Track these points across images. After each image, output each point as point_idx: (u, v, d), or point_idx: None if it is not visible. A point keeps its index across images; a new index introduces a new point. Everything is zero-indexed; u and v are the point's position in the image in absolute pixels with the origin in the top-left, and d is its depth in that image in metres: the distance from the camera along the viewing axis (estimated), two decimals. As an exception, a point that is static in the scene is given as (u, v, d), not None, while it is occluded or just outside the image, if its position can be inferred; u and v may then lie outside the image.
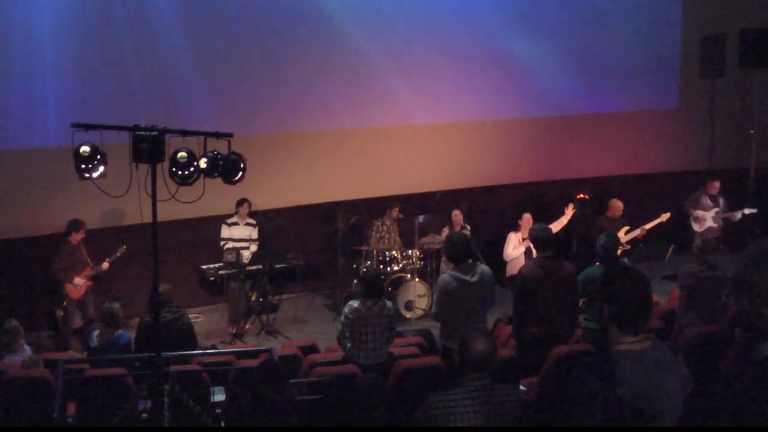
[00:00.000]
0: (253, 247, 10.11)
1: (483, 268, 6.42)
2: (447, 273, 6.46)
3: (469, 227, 10.32)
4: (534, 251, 9.29)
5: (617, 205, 10.43)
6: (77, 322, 9.29)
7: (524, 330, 6.47)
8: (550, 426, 5.53)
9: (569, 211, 10.23)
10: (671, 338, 6.92)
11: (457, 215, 10.24)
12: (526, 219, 9.88)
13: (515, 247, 9.79)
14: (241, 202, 10.00)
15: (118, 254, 9.26)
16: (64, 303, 9.14)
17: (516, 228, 9.99)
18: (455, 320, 6.35)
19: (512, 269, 9.38)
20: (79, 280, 9.07)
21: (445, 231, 10.23)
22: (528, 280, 6.41)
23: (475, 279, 6.29)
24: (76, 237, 9.08)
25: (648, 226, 10.23)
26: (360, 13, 10.69)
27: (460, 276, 6.29)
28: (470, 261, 6.44)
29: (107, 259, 9.23)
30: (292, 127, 10.72)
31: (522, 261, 9.46)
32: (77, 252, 9.12)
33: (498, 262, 9.47)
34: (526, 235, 9.65)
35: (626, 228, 10.17)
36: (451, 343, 6.16)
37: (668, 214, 10.31)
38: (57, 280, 9.10)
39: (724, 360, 5.93)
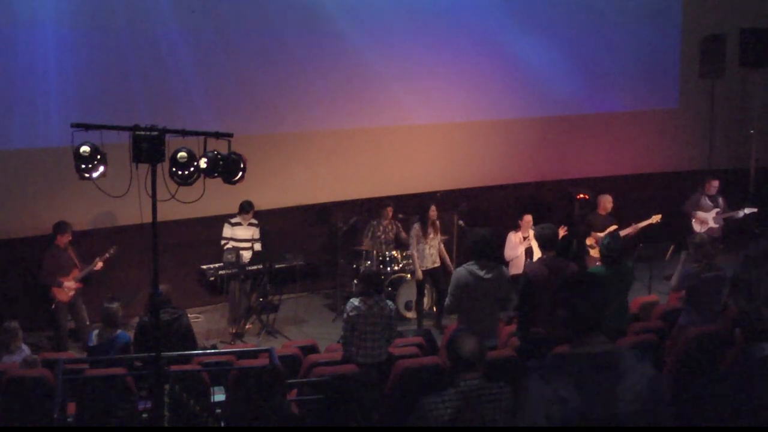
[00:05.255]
0: (257, 246, 10.09)
1: (501, 268, 6.50)
2: (463, 266, 6.55)
3: (464, 224, 10.31)
4: (534, 250, 9.34)
5: (607, 201, 10.30)
6: (70, 324, 9.24)
7: (529, 329, 6.48)
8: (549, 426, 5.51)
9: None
10: (671, 338, 6.92)
11: (432, 210, 9.85)
12: (526, 220, 9.87)
13: (514, 247, 9.78)
14: (247, 210, 9.89)
15: (108, 254, 9.18)
16: (53, 306, 9.05)
17: (516, 228, 9.97)
18: (467, 315, 6.41)
19: (513, 268, 9.37)
20: (68, 284, 9.01)
21: (415, 227, 9.90)
22: (532, 280, 6.43)
23: (489, 276, 6.35)
24: (63, 239, 8.99)
25: (640, 225, 10.18)
26: (359, 13, 10.68)
27: (474, 270, 6.37)
28: (490, 260, 6.47)
29: (98, 259, 9.14)
30: (292, 127, 10.72)
31: (522, 260, 9.47)
32: (65, 254, 9.04)
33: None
34: (526, 234, 9.65)
35: (614, 227, 10.03)
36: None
37: (659, 216, 10.22)
38: (46, 283, 9.04)
39: (724, 360, 5.93)
